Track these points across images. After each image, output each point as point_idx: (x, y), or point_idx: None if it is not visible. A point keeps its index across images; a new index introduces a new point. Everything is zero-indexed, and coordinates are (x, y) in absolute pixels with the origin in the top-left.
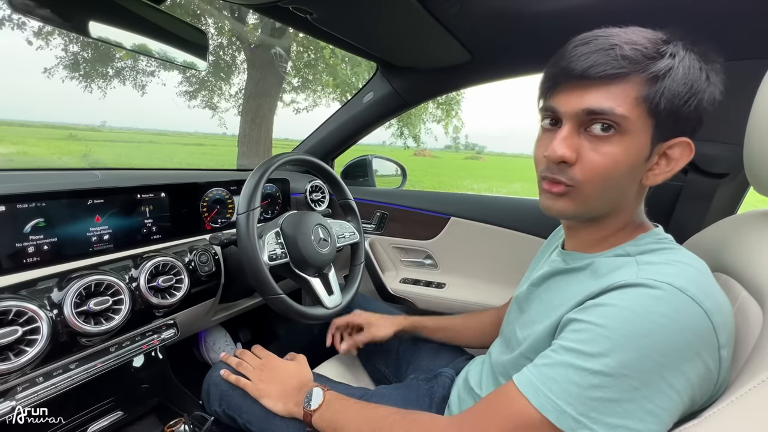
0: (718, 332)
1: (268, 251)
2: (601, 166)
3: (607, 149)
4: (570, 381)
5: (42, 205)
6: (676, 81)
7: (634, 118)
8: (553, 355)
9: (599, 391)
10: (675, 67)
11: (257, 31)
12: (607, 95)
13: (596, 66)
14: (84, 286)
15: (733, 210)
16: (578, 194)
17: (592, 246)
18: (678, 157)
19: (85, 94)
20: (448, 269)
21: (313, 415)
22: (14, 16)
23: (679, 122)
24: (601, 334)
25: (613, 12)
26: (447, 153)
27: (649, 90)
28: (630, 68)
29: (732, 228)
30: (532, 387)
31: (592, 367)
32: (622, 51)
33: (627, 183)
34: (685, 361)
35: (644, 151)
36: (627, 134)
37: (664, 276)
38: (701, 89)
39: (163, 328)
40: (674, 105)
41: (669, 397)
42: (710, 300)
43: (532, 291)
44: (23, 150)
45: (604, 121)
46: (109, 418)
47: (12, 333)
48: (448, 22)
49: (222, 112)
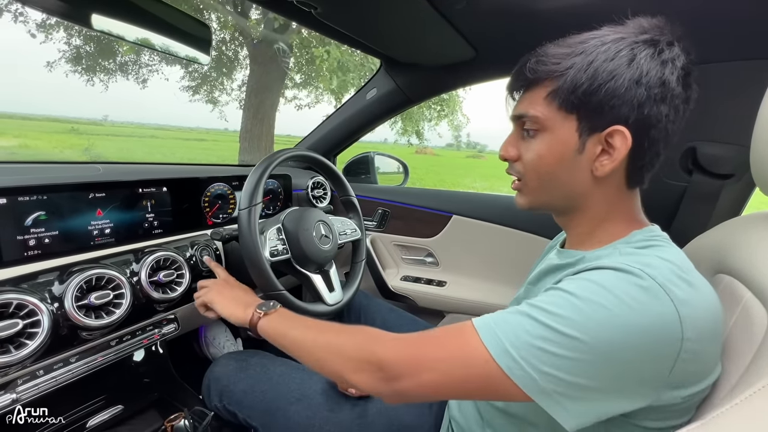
0: (683, 323)
1: (270, 247)
2: (531, 160)
3: (533, 146)
4: (522, 327)
5: (44, 198)
6: (577, 75)
7: (547, 115)
8: (516, 307)
9: (546, 343)
10: (575, 64)
11: (260, 26)
12: (526, 100)
13: (516, 80)
14: (85, 279)
15: (738, 211)
16: (526, 187)
17: (584, 242)
18: (618, 146)
19: (88, 88)
20: (449, 267)
21: (262, 318)
22: (17, 8)
23: (602, 110)
24: (567, 299)
25: (618, 9)
26: (448, 151)
27: (553, 87)
28: (537, 75)
29: (737, 229)
30: (486, 326)
31: (548, 322)
32: (531, 63)
33: (566, 175)
34: (642, 343)
35: (570, 144)
36: (547, 131)
37: (641, 264)
38: (608, 78)
39: (163, 323)
40: (580, 95)
41: (614, 368)
42: (682, 291)
43: (530, 290)
44: (25, 143)
45: (527, 122)
46: (109, 412)
47: (13, 326)
48: (453, 18)
49: (223, 105)
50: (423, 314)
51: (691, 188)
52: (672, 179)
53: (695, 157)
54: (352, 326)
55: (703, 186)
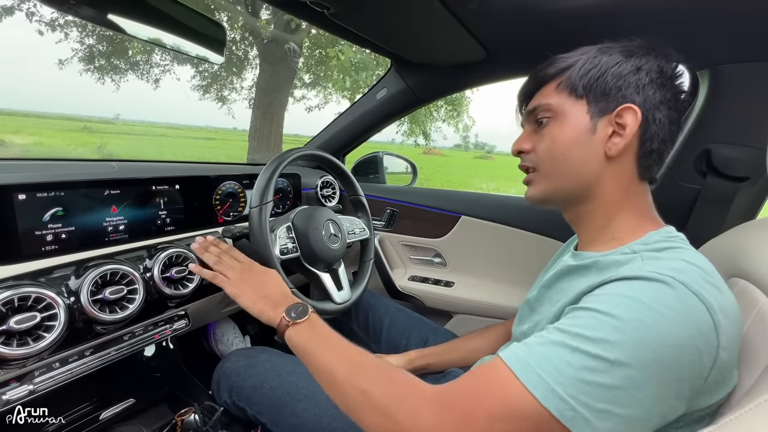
0: (719, 332)
1: (280, 245)
2: (546, 145)
3: (546, 133)
4: (563, 361)
5: (61, 194)
6: (582, 65)
7: (559, 101)
8: (546, 335)
9: (593, 374)
10: (582, 58)
11: (270, 26)
12: (538, 97)
13: (527, 85)
14: (100, 274)
15: (753, 215)
16: (539, 175)
17: (598, 241)
18: (629, 122)
19: (100, 87)
20: (457, 268)
21: (290, 327)
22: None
23: (611, 93)
24: (604, 321)
25: (632, 12)
26: (456, 152)
27: (563, 78)
28: (548, 73)
29: (752, 233)
30: (522, 365)
31: (590, 350)
32: (543, 68)
33: (579, 155)
34: (684, 356)
35: (583, 125)
36: (559, 117)
37: (668, 270)
38: (612, 64)
39: (175, 319)
40: (590, 81)
41: (660, 389)
42: (714, 299)
43: (543, 293)
44: (40, 141)
45: (540, 113)
46: (122, 405)
47: (31, 318)
48: (465, 18)
49: (232, 103)
50: (430, 314)
51: (706, 191)
52: (686, 181)
53: (710, 159)
54: (387, 370)
55: (718, 188)
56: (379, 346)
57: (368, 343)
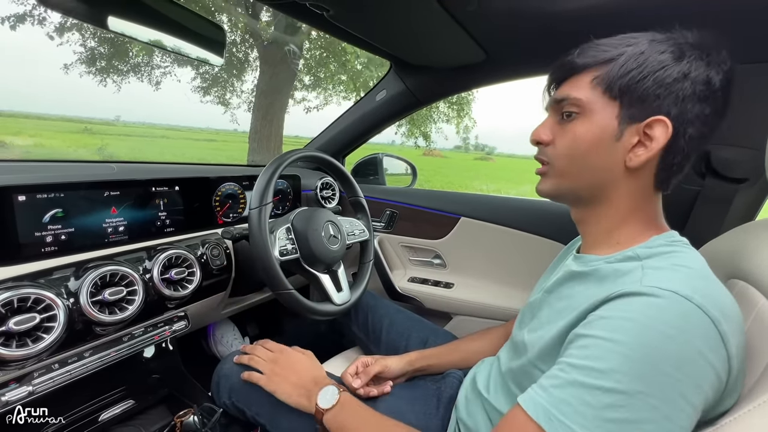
0: (726, 341)
1: (279, 246)
2: (566, 142)
3: (570, 128)
4: (583, 402)
5: (61, 195)
6: (626, 62)
7: (591, 99)
8: (561, 375)
9: (615, 411)
10: (627, 52)
11: (271, 28)
12: (569, 86)
13: (560, 67)
14: (99, 276)
15: (752, 216)
16: (553, 170)
17: (601, 244)
18: (657, 136)
19: (101, 89)
20: (456, 269)
21: (325, 414)
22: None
23: (647, 100)
24: (611, 349)
25: (633, 13)
26: (456, 153)
27: (601, 72)
28: (584, 62)
29: (751, 234)
30: (544, 412)
31: (605, 384)
32: (582, 51)
33: (598, 160)
34: (699, 373)
35: (609, 129)
36: (587, 115)
37: (668, 283)
38: (658, 68)
39: (174, 320)
40: (627, 82)
41: (687, 414)
42: (717, 308)
43: (545, 297)
44: (41, 142)
45: (567, 105)
46: (121, 407)
47: (30, 320)
48: (464, 20)
49: (233, 108)
50: (430, 316)
51: (705, 192)
52: (685, 183)
53: (709, 160)
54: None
55: (717, 190)
56: (379, 347)
57: (368, 344)
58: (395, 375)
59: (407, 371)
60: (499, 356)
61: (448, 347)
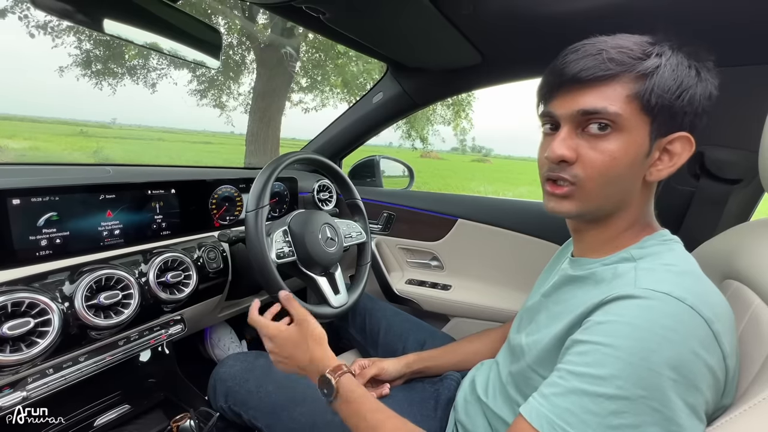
0: (720, 341)
1: (276, 249)
2: (601, 162)
3: (604, 146)
4: (586, 410)
5: (55, 199)
6: (664, 77)
7: (627, 115)
8: (561, 383)
9: (618, 417)
10: (662, 65)
11: (267, 30)
12: (600, 96)
13: (586, 69)
14: (95, 279)
15: (746, 217)
16: (581, 192)
17: (598, 249)
18: (680, 152)
19: (97, 92)
20: (454, 271)
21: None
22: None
23: (676, 117)
24: (609, 354)
25: (626, 16)
26: (453, 155)
27: (639, 87)
28: (618, 69)
29: (745, 235)
30: (548, 422)
31: (606, 391)
32: (608, 54)
33: (628, 179)
34: (696, 374)
35: (643, 147)
36: (623, 131)
37: (661, 285)
38: (691, 84)
39: (170, 324)
40: (666, 100)
41: (687, 415)
42: (709, 308)
43: (543, 302)
44: (35, 145)
45: (600, 120)
46: (116, 412)
47: (24, 324)
48: (460, 23)
49: (230, 110)
50: (428, 318)
51: (699, 193)
52: (679, 184)
53: (703, 161)
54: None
55: (711, 191)
56: (376, 350)
57: (365, 347)
58: (392, 377)
59: (404, 373)
60: (497, 360)
61: (445, 349)
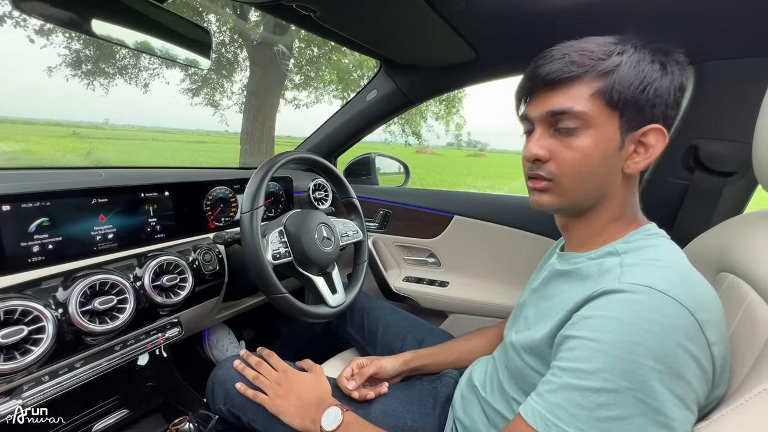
0: (704, 330)
1: (272, 250)
2: (572, 159)
3: (575, 144)
4: (576, 404)
5: (47, 204)
6: (624, 73)
7: (593, 112)
8: (553, 379)
9: (606, 410)
10: (623, 62)
11: (259, 28)
12: (566, 96)
13: (552, 73)
14: (89, 285)
15: (740, 209)
16: (558, 187)
17: (584, 243)
18: (654, 143)
19: (88, 92)
20: (451, 268)
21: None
22: (16, 13)
23: (644, 110)
24: (596, 348)
25: (619, 10)
26: (449, 150)
27: (602, 85)
28: (579, 70)
29: (739, 228)
30: (541, 419)
31: (594, 384)
32: (571, 58)
33: (603, 173)
34: (681, 364)
35: (614, 141)
36: (591, 128)
37: (644, 279)
38: (655, 78)
39: (167, 327)
40: (629, 94)
41: (675, 405)
42: (693, 298)
43: (531, 297)
44: (27, 148)
45: (567, 119)
46: (114, 417)
47: (17, 332)
48: (453, 19)
49: (224, 109)
50: (426, 315)
51: (693, 186)
52: (674, 177)
53: (697, 154)
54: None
55: (705, 184)
56: (375, 348)
57: (364, 345)
58: (390, 375)
59: (402, 371)
60: (494, 356)
61: (443, 347)
